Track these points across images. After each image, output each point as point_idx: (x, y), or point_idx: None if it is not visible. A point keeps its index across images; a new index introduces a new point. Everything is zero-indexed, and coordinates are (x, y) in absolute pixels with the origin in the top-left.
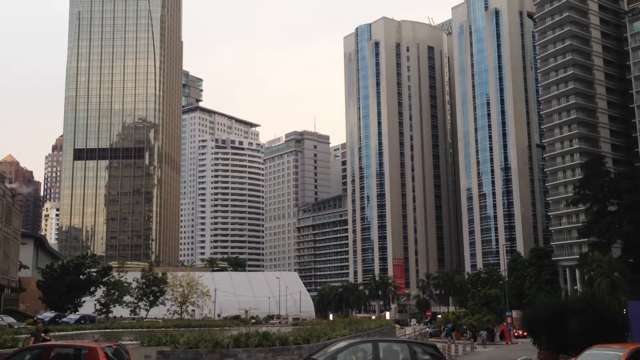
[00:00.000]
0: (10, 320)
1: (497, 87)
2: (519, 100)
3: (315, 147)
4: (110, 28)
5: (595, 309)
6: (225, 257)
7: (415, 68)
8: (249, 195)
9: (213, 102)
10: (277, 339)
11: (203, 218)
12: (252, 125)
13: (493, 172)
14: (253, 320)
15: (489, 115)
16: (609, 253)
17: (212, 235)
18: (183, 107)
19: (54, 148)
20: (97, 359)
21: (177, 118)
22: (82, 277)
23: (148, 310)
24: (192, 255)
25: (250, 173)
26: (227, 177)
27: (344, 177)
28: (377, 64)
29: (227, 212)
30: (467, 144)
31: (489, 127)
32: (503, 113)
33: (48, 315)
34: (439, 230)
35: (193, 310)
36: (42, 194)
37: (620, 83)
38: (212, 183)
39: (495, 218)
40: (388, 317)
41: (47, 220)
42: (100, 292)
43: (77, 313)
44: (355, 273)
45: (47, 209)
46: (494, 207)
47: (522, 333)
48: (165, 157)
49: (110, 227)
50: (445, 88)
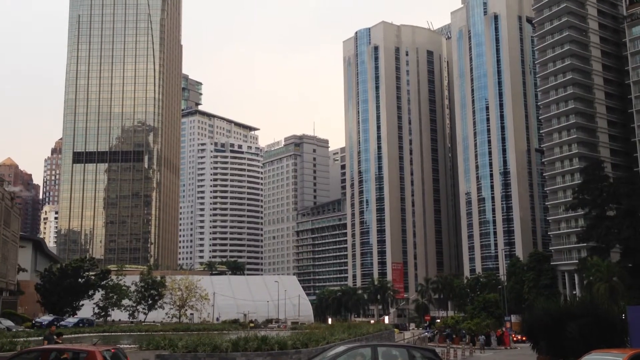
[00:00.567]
0: (9, 324)
1: (496, 91)
2: (518, 105)
3: (315, 151)
4: (110, 31)
5: (595, 314)
6: (224, 260)
7: (415, 72)
8: (248, 199)
9: (212, 105)
10: (275, 343)
11: (202, 222)
12: (251, 129)
13: (492, 176)
14: (252, 324)
15: (488, 120)
16: (608, 258)
17: (211, 239)
18: (182, 110)
19: (53, 151)
20: None
21: (176, 121)
22: (80, 280)
23: (146, 314)
24: (191, 259)
25: (249, 177)
26: (226, 180)
27: (343, 181)
28: (376, 68)
29: (226, 215)
30: (466, 148)
31: (488, 131)
32: (502, 117)
33: (46, 319)
34: (438, 235)
35: (192, 314)
36: (41, 197)
37: (619, 88)
38: (211, 187)
39: (494, 222)
40: (387, 321)
41: (46, 223)
42: (99, 295)
43: (75, 316)
44: (354, 277)
45: (46, 212)
46: (493, 211)
47: (521, 338)
48: (165, 160)
49: (109, 230)
50: (445, 92)
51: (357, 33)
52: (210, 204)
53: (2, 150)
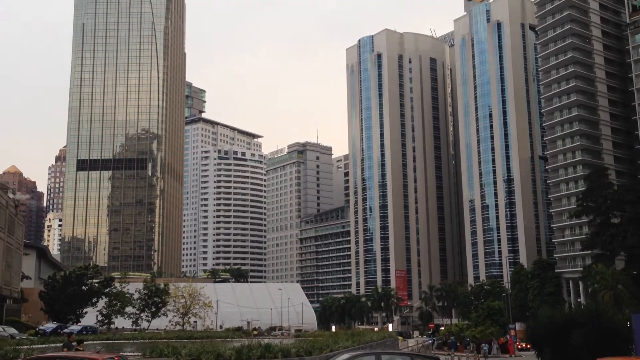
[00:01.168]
0: (12, 331)
1: (499, 98)
2: (522, 112)
3: (318, 158)
4: (114, 40)
5: (599, 322)
6: (228, 268)
7: (418, 80)
8: (252, 207)
9: (216, 113)
10: (279, 351)
11: (205, 229)
12: (254, 137)
13: (496, 183)
14: (255, 332)
15: (492, 127)
16: (613, 265)
17: (214, 246)
18: (186, 118)
19: (58, 159)
20: None
21: (180, 129)
22: (84, 287)
23: (150, 322)
24: (194, 266)
25: (253, 184)
26: (229, 188)
27: (347, 188)
28: (379, 76)
29: (229, 223)
30: (469, 156)
31: (492, 138)
32: (505, 125)
33: (50, 326)
34: (442, 242)
35: (195, 322)
36: (45, 205)
37: (623, 95)
38: (214, 194)
39: (498, 230)
40: (391, 329)
41: (49, 231)
42: (102, 303)
43: (79, 324)
44: (358, 284)
45: (49, 220)
46: (497, 218)
47: (525, 346)
48: (168, 168)
49: (113, 237)
50: (448, 99)
51: (360, 41)
52: (214, 212)
53: (6, 158)
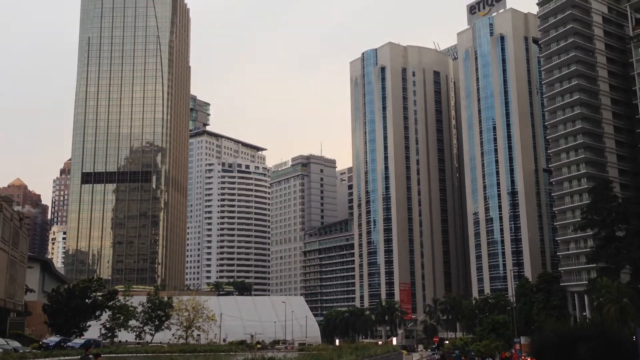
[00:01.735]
0: (16, 345)
1: (503, 111)
2: (525, 125)
3: (322, 171)
4: (119, 53)
5: (605, 336)
6: (231, 281)
7: (422, 93)
8: (255, 219)
9: (220, 126)
10: None
11: (209, 242)
12: (258, 149)
13: (500, 196)
14: (259, 345)
15: (495, 140)
16: (618, 279)
17: (218, 259)
18: (190, 131)
19: (62, 172)
20: None
21: (184, 142)
22: (87, 301)
23: (153, 335)
24: (198, 279)
25: (257, 197)
26: (233, 201)
27: (350, 201)
28: (383, 89)
29: (233, 235)
30: (473, 168)
31: (496, 151)
32: (509, 137)
33: (53, 340)
34: (446, 255)
35: (199, 335)
36: (49, 218)
37: (627, 108)
38: (218, 207)
39: (503, 243)
40: (395, 342)
41: (54, 244)
42: (106, 316)
43: (82, 337)
44: (362, 298)
45: (54, 233)
46: (501, 231)
47: None
48: (172, 180)
49: (117, 250)
50: (451, 112)
51: (364, 54)
52: (218, 224)
53: (11, 171)
